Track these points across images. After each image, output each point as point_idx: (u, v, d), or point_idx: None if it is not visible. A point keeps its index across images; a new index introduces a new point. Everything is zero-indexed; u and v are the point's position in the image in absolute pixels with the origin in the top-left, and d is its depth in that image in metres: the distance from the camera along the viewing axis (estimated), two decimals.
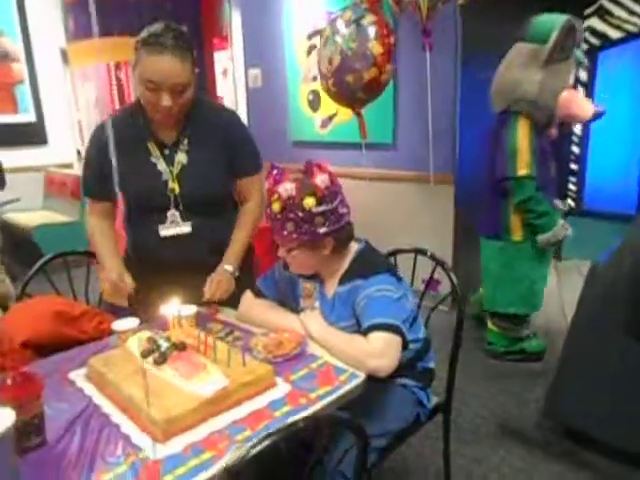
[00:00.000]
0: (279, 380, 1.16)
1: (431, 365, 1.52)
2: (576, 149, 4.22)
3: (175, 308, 1.30)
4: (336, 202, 1.31)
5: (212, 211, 1.63)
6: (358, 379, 1.17)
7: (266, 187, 1.33)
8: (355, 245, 1.42)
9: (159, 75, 1.39)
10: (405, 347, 1.26)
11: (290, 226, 1.28)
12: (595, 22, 3.82)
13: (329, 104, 3.36)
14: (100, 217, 1.66)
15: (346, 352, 1.22)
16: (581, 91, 3.78)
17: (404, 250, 1.77)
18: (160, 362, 1.11)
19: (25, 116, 4.77)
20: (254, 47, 4.30)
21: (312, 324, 1.34)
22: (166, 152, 1.57)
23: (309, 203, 1.26)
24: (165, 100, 1.42)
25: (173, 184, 1.56)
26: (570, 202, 3.92)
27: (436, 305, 1.67)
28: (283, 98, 4.10)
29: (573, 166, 4.26)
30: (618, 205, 3.90)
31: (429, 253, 1.68)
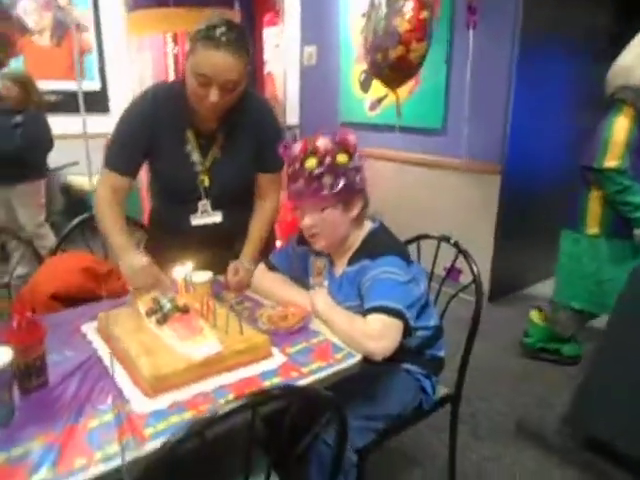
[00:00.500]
0: (276, 351, 1.17)
1: (440, 354, 1.48)
2: None
3: (186, 271, 1.33)
4: (363, 163, 1.33)
5: (242, 200, 1.65)
6: (353, 359, 1.16)
7: (299, 147, 1.32)
8: (369, 224, 1.40)
9: (212, 70, 1.35)
10: (409, 333, 1.24)
11: (327, 179, 1.27)
12: None
13: (379, 86, 3.30)
14: (113, 192, 1.50)
15: (345, 331, 1.21)
16: None
17: (429, 236, 1.72)
18: (161, 322, 1.15)
19: (91, 84, 5.00)
20: (311, 24, 4.27)
21: (319, 301, 1.33)
22: (202, 142, 1.55)
23: (343, 158, 1.28)
24: (213, 95, 1.38)
25: (204, 176, 1.56)
26: None
27: (456, 293, 1.62)
28: (335, 78, 4.06)
29: None
30: None
31: (452, 241, 1.63)
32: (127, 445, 0.84)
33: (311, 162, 1.28)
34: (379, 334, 1.16)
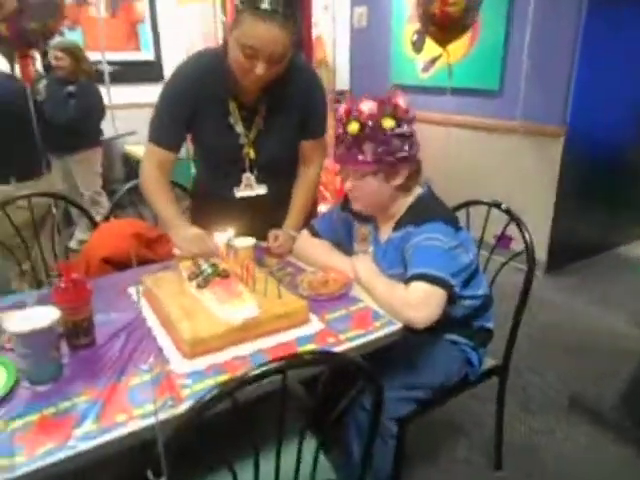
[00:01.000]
0: (314, 318, 1.16)
1: (489, 325, 1.43)
2: None
3: (228, 237, 1.34)
4: (414, 127, 1.26)
5: (286, 171, 1.63)
6: (393, 327, 1.13)
7: (343, 109, 1.28)
8: (417, 189, 1.34)
9: (260, 42, 1.30)
10: (453, 302, 1.19)
11: (368, 147, 1.23)
12: None
13: (433, 45, 3.14)
14: (158, 166, 1.50)
15: (385, 299, 1.18)
16: None
17: (478, 202, 1.64)
18: (202, 286, 1.16)
19: (146, 54, 5.08)
20: None
21: (361, 268, 1.31)
22: (244, 114, 1.51)
23: (389, 124, 1.21)
24: (260, 68, 1.33)
25: (249, 149, 1.54)
26: None
27: (507, 261, 1.55)
28: (386, 39, 3.91)
29: None
30: None
31: (504, 207, 1.55)
32: (164, 404, 0.87)
33: (353, 126, 1.23)
34: (420, 303, 1.12)
